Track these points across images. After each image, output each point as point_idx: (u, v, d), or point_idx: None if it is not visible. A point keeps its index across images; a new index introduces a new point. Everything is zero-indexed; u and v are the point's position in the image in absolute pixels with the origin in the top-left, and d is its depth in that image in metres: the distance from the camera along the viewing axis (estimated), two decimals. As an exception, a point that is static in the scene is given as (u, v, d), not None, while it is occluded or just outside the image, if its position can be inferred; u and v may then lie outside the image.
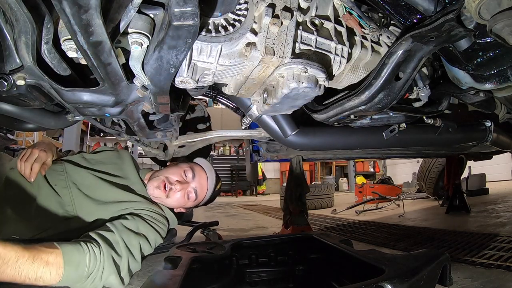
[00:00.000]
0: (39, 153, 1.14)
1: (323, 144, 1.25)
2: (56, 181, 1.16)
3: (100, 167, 1.28)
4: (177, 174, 1.29)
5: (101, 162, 1.32)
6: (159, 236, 1.16)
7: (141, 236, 1.08)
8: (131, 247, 1.03)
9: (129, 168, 1.35)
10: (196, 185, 1.30)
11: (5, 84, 0.73)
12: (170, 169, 1.32)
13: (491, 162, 3.11)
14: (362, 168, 9.79)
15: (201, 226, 1.68)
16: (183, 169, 1.31)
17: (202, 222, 1.70)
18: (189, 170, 1.30)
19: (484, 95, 1.05)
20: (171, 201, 1.27)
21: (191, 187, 1.29)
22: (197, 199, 1.32)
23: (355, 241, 2.05)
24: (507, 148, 1.68)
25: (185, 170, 1.30)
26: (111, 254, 0.96)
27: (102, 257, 0.93)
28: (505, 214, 2.56)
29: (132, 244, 1.03)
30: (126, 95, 0.83)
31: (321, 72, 0.75)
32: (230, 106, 1.41)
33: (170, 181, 1.27)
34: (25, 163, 1.11)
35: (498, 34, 0.63)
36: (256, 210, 4.66)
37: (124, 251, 1.00)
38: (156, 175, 1.30)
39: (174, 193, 1.26)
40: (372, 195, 4.25)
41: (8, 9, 0.61)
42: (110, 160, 1.35)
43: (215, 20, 0.71)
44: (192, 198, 1.29)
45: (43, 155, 1.15)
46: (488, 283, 1.09)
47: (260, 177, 9.48)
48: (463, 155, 3.01)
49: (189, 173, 1.30)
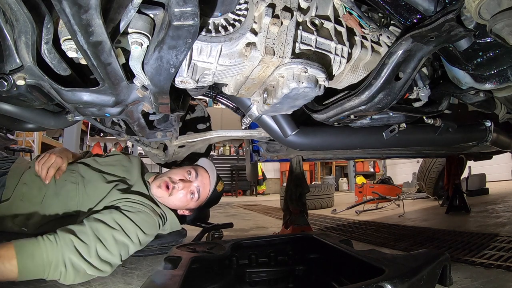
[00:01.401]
0: (56, 159, 1.23)
1: (323, 144, 1.25)
2: (67, 177, 1.25)
3: (108, 168, 1.36)
4: (180, 174, 1.33)
5: (110, 164, 1.39)
6: (140, 230, 1.14)
7: (115, 229, 1.08)
8: (101, 237, 1.03)
9: (135, 171, 1.40)
10: (198, 184, 1.33)
11: (5, 84, 0.73)
12: (173, 170, 1.37)
13: (491, 162, 3.11)
14: (362, 168, 9.79)
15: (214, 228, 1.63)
16: (186, 169, 1.35)
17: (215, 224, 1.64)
18: (192, 170, 1.35)
19: (484, 95, 1.05)
20: (174, 199, 1.30)
21: (193, 186, 1.32)
22: (199, 199, 1.34)
23: (355, 241, 2.05)
24: (507, 148, 1.68)
25: (188, 170, 1.34)
26: (72, 240, 0.98)
27: (58, 242, 0.96)
28: (505, 214, 2.56)
29: (101, 234, 1.04)
30: (126, 95, 0.83)
31: (321, 72, 0.75)
32: (230, 106, 1.41)
33: (173, 180, 1.30)
34: (43, 166, 1.20)
35: (498, 34, 0.63)
36: (256, 210, 4.66)
37: (92, 240, 1.01)
38: (159, 176, 1.36)
39: (177, 191, 1.29)
40: (372, 195, 4.25)
41: (8, 9, 0.61)
42: (119, 163, 1.42)
43: (215, 20, 0.71)
44: (195, 197, 1.32)
45: (59, 161, 1.23)
46: (488, 283, 1.09)
47: (260, 177, 9.48)
48: (463, 155, 3.01)
49: (192, 173, 1.34)
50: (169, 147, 1.60)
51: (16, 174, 1.23)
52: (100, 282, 1.15)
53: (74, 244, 0.98)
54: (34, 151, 4.68)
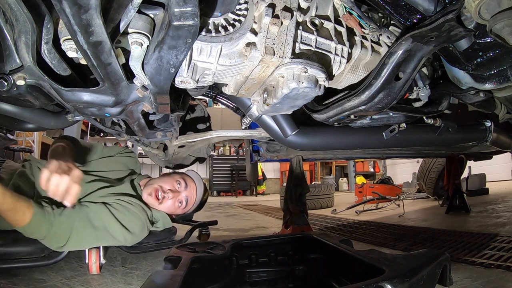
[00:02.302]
0: (73, 186, 1.00)
1: (323, 144, 1.25)
2: None
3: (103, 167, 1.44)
4: (169, 183, 1.42)
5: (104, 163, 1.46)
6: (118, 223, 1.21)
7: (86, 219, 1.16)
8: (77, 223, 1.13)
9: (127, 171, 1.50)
10: (187, 194, 1.44)
11: (5, 84, 0.73)
12: (164, 178, 1.46)
13: (491, 162, 3.11)
14: (362, 168, 9.79)
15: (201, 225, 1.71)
16: (176, 179, 1.44)
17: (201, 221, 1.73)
18: (181, 180, 1.44)
19: (484, 95, 1.05)
20: (163, 207, 1.40)
21: (182, 196, 1.42)
22: (186, 207, 1.46)
23: (355, 241, 2.05)
24: (507, 148, 1.68)
25: (177, 180, 1.44)
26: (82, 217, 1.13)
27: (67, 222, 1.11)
28: (505, 214, 2.56)
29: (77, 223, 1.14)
30: (126, 95, 0.83)
31: (321, 72, 0.75)
32: (230, 106, 1.41)
33: (164, 189, 1.39)
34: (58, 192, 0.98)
35: (498, 34, 0.63)
36: (256, 210, 4.66)
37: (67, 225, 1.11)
38: (150, 183, 1.43)
39: (167, 200, 1.39)
40: (372, 195, 4.25)
41: (8, 9, 0.61)
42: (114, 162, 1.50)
43: (215, 20, 0.71)
44: (182, 206, 1.43)
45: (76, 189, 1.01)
46: (488, 283, 1.09)
47: (260, 177, 9.47)
48: (463, 155, 3.01)
49: (181, 183, 1.43)
50: (169, 147, 1.61)
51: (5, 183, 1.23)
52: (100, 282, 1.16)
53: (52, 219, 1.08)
54: (34, 151, 4.68)
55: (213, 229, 2.06)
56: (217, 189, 9.50)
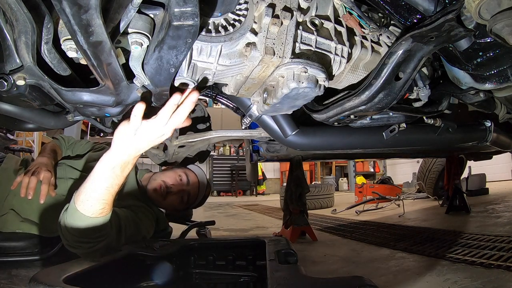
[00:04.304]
0: (44, 174, 1.23)
1: (323, 144, 1.25)
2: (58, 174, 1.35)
3: None
4: (173, 178, 1.42)
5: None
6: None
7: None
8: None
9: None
10: (190, 190, 1.44)
11: (5, 84, 0.73)
12: (166, 173, 1.45)
13: (491, 162, 3.11)
14: (362, 168, 9.80)
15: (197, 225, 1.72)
16: (178, 173, 1.44)
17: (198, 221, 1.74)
18: (184, 175, 1.44)
19: (484, 95, 1.05)
20: (166, 203, 1.40)
21: (184, 191, 1.42)
22: (188, 202, 1.46)
23: (355, 241, 2.05)
24: (507, 148, 1.68)
25: (180, 175, 1.43)
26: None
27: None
28: (505, 214, 2.56)
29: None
30: (126, 95, 0.83)
31: (321, 72, 0.75)
32: (230, 106, 1.41)
33: (167, 184, 1.39)
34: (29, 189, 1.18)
35: (498, 34, 0.63)
36: (256, 210, 4.67)
37: None
38: (154, 178, 1.43)
39: (171, 196, 1.39)
40: (372, 195, 4.26)
41: (8, 9, 0.61)
42: None
43: (215, 20, 0.71)
44: (184, 201, 1.43)
45: (48, 175, 1.23)
46: (488, 283, 1.09)
47: (260, 177, 9.48)
48: (463, 155, 3.01)
49: (183, 178, 1.43)
50: (169, 147, 1.60)
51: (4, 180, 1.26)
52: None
53: None
54: (34, 151, 4.68)
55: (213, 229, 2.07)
56: (217, 189, 9.51)
